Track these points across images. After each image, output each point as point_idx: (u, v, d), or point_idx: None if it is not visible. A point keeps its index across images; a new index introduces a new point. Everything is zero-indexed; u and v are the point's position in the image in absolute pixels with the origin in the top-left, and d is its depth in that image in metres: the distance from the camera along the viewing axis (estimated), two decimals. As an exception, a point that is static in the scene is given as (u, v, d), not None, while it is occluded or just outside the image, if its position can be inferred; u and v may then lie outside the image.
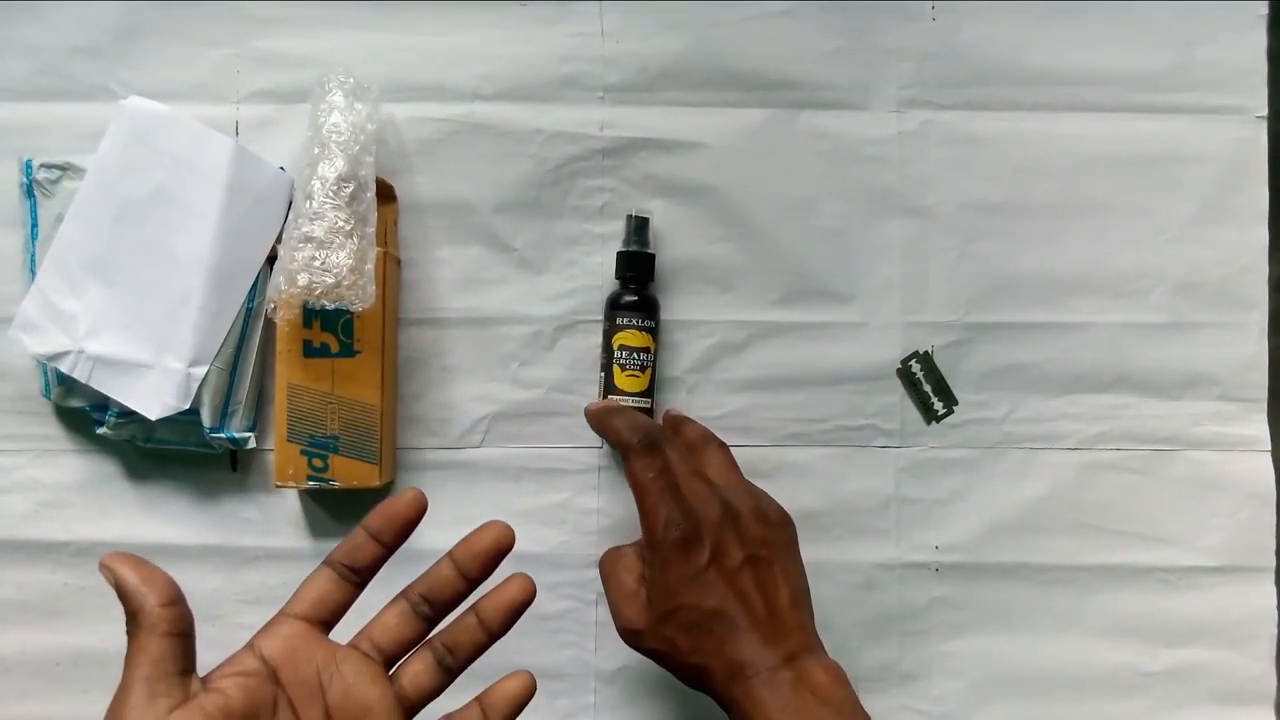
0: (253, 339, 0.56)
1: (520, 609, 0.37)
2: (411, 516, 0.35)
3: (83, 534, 0.58)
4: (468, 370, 0.59)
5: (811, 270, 0.59)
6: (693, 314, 0.59)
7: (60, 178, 0.55)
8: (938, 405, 0.59)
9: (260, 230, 0.56)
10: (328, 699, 0.33)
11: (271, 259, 0.56)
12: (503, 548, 0.36)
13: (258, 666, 0.32)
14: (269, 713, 0.32)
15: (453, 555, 0.36)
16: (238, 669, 0.32)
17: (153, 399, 0.53)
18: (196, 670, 0.31)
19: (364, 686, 0.34)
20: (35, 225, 0.56)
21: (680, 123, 0.59)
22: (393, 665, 0.36)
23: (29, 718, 0.58)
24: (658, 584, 0.43)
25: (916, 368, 0.59)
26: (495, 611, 0.37)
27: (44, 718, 0.58)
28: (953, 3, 0.59)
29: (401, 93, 0.58)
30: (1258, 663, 0.59)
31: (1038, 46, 0.59)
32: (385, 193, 0.57)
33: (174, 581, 0.31)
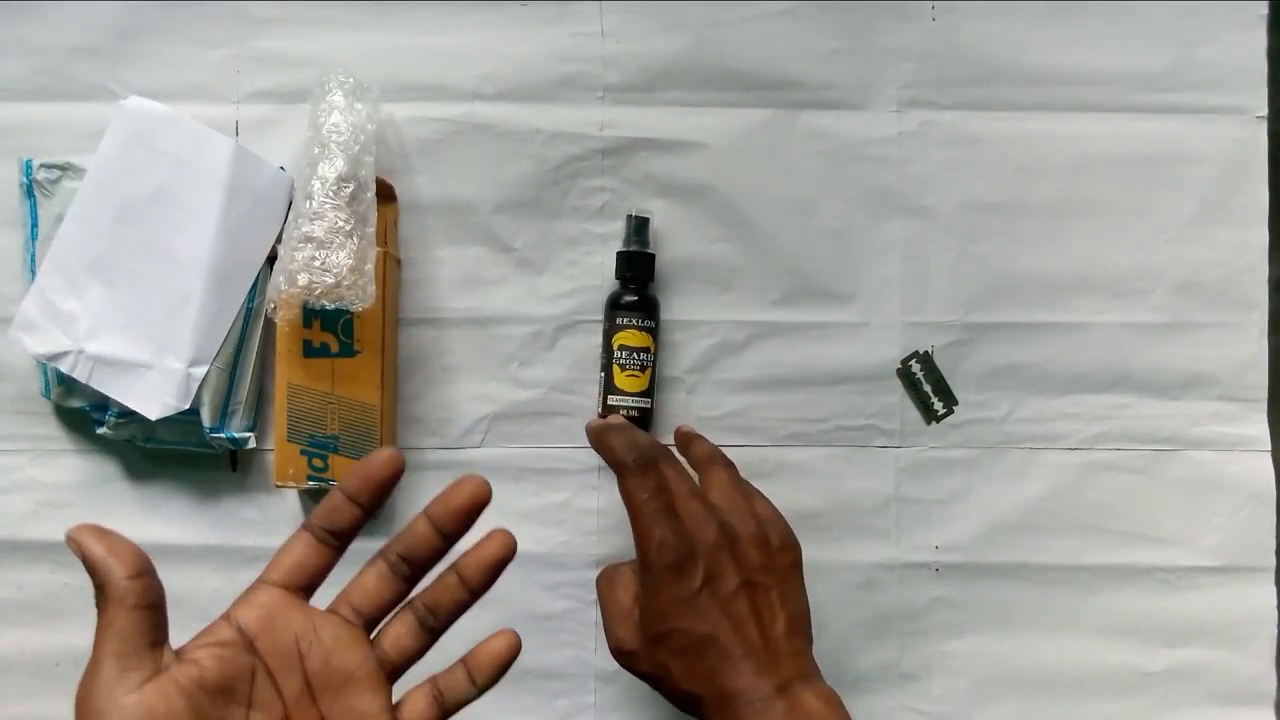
0: (253, 339, 0.56)
1: (501, 565, 0.36)
2: (387, 477, 0.33)
3: (83, 534, 0.58)
4: (468, 370, 0.59)
5: (811, 270, 0.59)
6: (693, 314, 0.59)
7: (60, 178, 0.55)
8: (938, 405, 0.59)
9: (260, 230, 0.56)
10: (307, 666, 0.33)
11: (271, 259, 0.56)
12: (479, 502, 0.35)
13: (233, 636, 0.32)
14: (246, 683, 0.31)
15: (428, 513, 0.35)
16: (213, 639, 0.31)
17: (153, 399, 0.53)
18: (169, 642, 0.31)
19: (344, 652, 0.33)
20: (35, 225, 0.56)
21: (680, 123, 0.59)
22: (373, 628, 0.35)
23: (29, 718, 0.58)
24: (650, 606, 0.43)
25: (916, 368, 0.59)
26: (476, 569, 0.36)
27: (44, 718, 0.58)
28: (953, 3, 0.59)
29: (401, 93, 0.58)
30: (1258, 663, 0.59)
31: (1038, 46, 0.59)
32: (385, 193, 0.57)
33: (142, 553, 0.30)
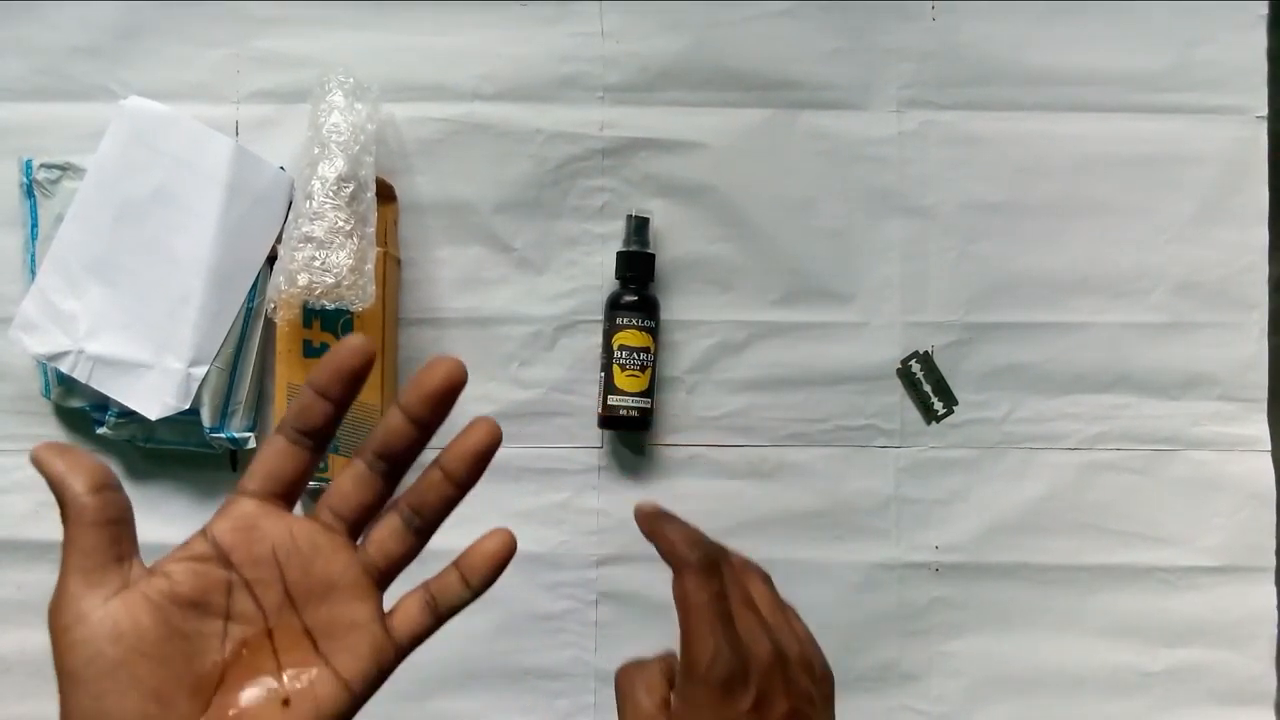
0: (253, 339, 0.56)
1: (486, 454, 0.33)
2: (358, 365, 0.31)
3: (83, 534, 0.58)
4: (468, 370, 0.59)
5: (811, 270, 0.59)
6: (693, 314, 0.59)
7: (60, 178, 0.55)
8: (938, 405, 0.59)
9: (260, 230, 0.56)
10: (287, 576, 0.31)
11: (271, 259, 0.56)
12: (454, 384, 0.33)
13: (207, 550, 0.30)
14: (221, 596, 0.30)
15: (401, 402, 0.32)
16: (186, 553, 0.30)
17: (153, 399, 0.53)
18: (139, 556, 0.30)
19: (325, 559, 0.31)
20: (35, 225, 0.56)
21: (680, 123, 0.59)
22: (358, 534, 0.33)
23: (29, 718, 0.58)
24: None
25: (916, 368, 0.59)
26: (459, 461, 0.33)
27: (44, 718, 0.58)
28: (953, 3, 0.59)
29: (401, 93, 0.58)
30: (1258, 663, 0.59)
31: (1038, 46, 0.59)
32: (385, 193, 0.57)
33: (104, 467, 0.29)
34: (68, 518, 0.29)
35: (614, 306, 0.57)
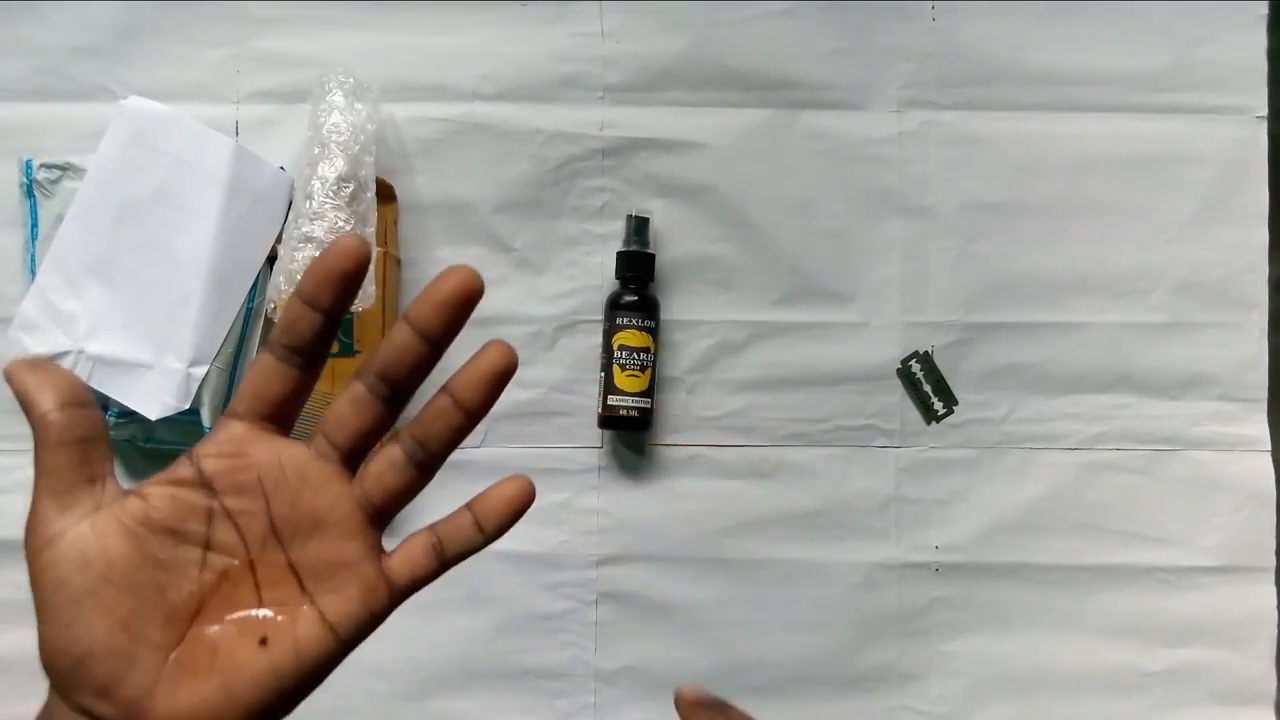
0: (253, 339, 0.56)
1: (501, 379, 0.29)
2: (349, 268, 0.27)
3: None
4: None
5: (811, 270, 0.59)
6: (693, 314, 0.59)
7: (60, 178, 0.55)
8: (938, 405, 0.59)
9: (260, 230, 0.56)
10: (272, 510, 0.28)
11: (271, 259, 0.56)
12: (470, 293, 0.29)
13: (189, 475, 0.28)
14: (201, 524, 0.28)
15: (408, 315, 0.28)
16: (168, 477, 0.28)
17: (153, 399, 0.53)
18: (114, 477, 0.29)
19: (314, 492, 0.28)
20: (35, 225, 0.56)
21: (680, 123, 0.59)
22: (356, 464, 0.30)
23: (29, 718, 0.58)
24: None
25: (916, 368, 0.59)
26: (470, 387, 0.29)
27: (44, 718, 0.58)
28: (953, 3, 0.59)
29: (401, 93, 0.58)
30: (1258, 663, 0.59)
31: (1038, 46, 0.59)
32: (385, 193, 0.57)
33: (76, 383, 0.27)
34: (35, 436, 0.27)
35: (614, 306, 0.57)
